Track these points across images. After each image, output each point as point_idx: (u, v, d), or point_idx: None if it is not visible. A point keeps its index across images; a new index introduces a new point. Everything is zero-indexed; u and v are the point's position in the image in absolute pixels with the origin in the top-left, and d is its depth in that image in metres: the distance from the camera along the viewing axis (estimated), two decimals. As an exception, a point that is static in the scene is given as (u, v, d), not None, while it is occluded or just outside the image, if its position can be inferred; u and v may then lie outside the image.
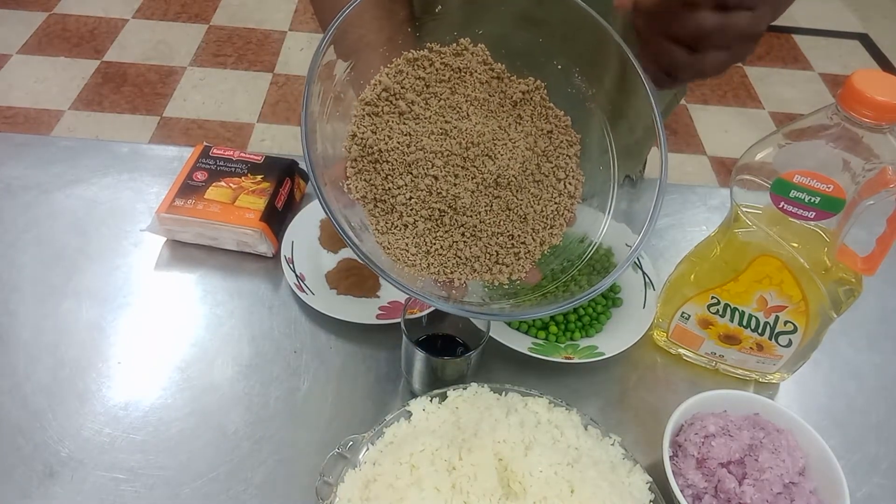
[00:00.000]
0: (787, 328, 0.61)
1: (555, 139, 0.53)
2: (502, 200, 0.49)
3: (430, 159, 0.48)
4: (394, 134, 0.49)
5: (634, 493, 0.52)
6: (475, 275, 0.48)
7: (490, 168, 0.49)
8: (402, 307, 0.62)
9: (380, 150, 0.48)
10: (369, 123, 0.49)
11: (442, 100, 0.51)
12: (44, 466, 0.58)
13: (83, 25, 2.51)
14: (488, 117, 0.51)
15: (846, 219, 0.53)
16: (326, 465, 0.53)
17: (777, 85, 2.54)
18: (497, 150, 0.50)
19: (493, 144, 0.50)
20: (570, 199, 0.51)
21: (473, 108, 0.51)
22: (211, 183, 0.76)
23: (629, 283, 0.73)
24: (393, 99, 0.50)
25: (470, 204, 0.48)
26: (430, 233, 0.48)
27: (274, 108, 2.25)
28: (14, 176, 0.82)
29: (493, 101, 0.52)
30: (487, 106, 0.51)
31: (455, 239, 0.48)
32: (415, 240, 0.48)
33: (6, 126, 2.09)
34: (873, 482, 0.62)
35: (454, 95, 0.51)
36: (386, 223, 0.48)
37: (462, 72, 0.52)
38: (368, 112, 0.50)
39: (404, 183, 0.48)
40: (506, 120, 0.52)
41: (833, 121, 0.50)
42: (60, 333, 0.67)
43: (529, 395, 0.58)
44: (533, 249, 0.50)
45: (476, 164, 0.49)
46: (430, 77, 0.51)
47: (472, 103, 0.51)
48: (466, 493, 0.49)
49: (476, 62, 0.53)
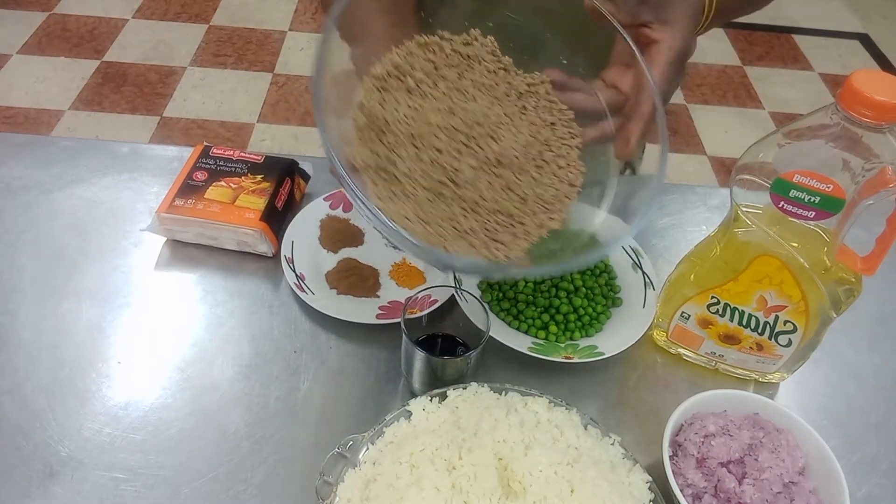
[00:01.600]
0: (787, 328, 0.61)
1: (557, 130, 0.54)
2: (503, 179, 0.50)
3: (435, 132, 0.49)
4: (401, 108, 0.50)
5: (634, 492, 0.52)
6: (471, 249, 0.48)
7: (493, 147, 0.50)
8: (402, 307, 0.62)
9: (386, 122, 0.49)
10: (378, 97, 0.50)
11: (450, 82, 0.52)
12: (44, 466, 0.58)
13: (83, 25, 2.51)
14: (494, 103, 0.52)
15: (846, 219, 0.53)
16: (326, 465, 0.53)
17: (777, 85, 2.54)
18: (500, 132, 0.51)
19: (498, 127, 0.51)
20: (571, 186, 0.52)
21: (480, 94, 0.52)
22: (211, 183, 0.76)
23: (629, 283, 0.73)
24: (402, 76, 0.51)
25: (471, 179, 0.49)
26: (430, 203, 0.48)
27: (274, 108, 2.25)
28: (14, 176, 0.82)
29: (499, 89, 0.53)
30: (494, 93, 0.52)
31: (455, 211, 0.48)
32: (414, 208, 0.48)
33: (6, 126, 2.09)
34: (873, 482, 0.62)
35: (462, 80, 0.52)
36: (387, 192, 0.48)
37: (471, 59, 0.53)
38: (377, 86, 0.51)
39: (408, 154, 0.49)
40: (511, 108, 0.53)
41: (833, 120, 0.50)
42: (60, 333, 0.67)
43: (529, 395, 0.58)
44: (531, 231, 0.50)
45: (479, 143, 0.50)
46: (439, 60, 0.52)
47: (479, 88, 0.52)
48: (466, 492, 0.49)
49: (485, 52, 0.54)
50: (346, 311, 0.68)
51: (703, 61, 2.56)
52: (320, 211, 0.78)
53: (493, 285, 0.72)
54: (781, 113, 2.40)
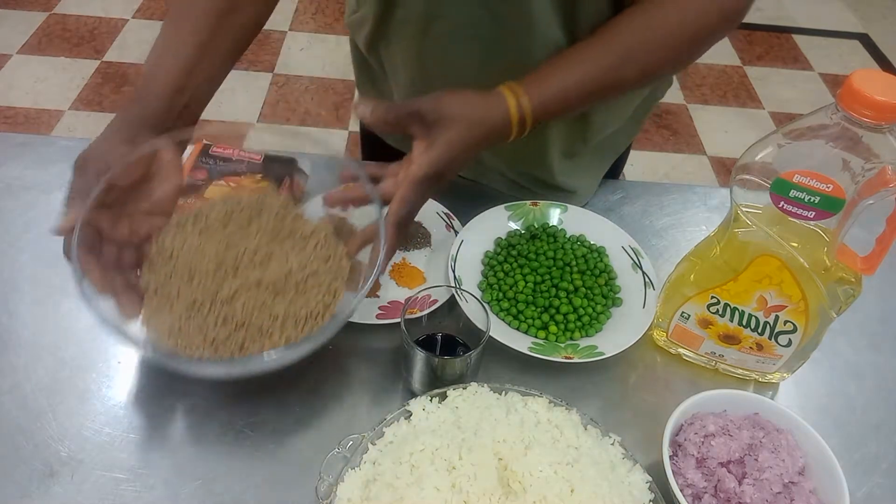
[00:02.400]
0: (787, 328, 0.61)
1: (329, 263, 0.62)
2: (258, 299, 0.58)
3: (207, 261, 0.59)
4: (187, 242, 0.61)
5: (634, 492, 0.52)
6: (216, 355, 0.56)
7: (256, 274, 0.59)
8: (402, 307, 0.62)
9: (171, 253, 0.60)
10: (172, 233, 0.61)
11: (238, 226, 0.63)
12: (44, 466, 0.58)
13: (83, 25, 2.51)
14: (272, 241, 0.62)
15: (846, 218, 0.53)
16: (326, 465, 0.53)
17: (777, 85, 2.54)
18: (270, 263, 0.61)
19: (268, 258, 0.61)
20: (325, 308, 0.60)
21: (261, 235, 0.62)
22: (210, 182, 0.76)
23: (629, 283, 0.74)
24: (199, 220, 0.63)
25: (228, 298, 0.58)
26: (188, 317, 0.57)
27: (274, 108, 2.25)
28: (14, 176, 0.82)
29: (284, 231, 0.63)
30: (278, 234, 0.63)
31: (207, 323, 0.57)
32: (172, 321, 0.57)
33: (6, 126, 2.09)
34: (873, 482, 0.62)
35: (250, 225, 0.63)
36: (155, 307, 0.58)
37: (262, 210, 0.64)
38: (175, 225, 0.62)
39: (181, 278, 0.59)
40: (289, 244, 0.63)
41: (833, 120, 0.50)
42: (60, 333, 0.67)
43: (529, 395, 0.58)
44: (276, 343, 0.57)
45: (245, 271, 0.60)
46: (232, 209, 0.64)
47: (262, 231, 0.62)
48: (466, 492, 0.49)
49: (277, 204, 0.65)
50: (345, 311, 0.69)
51: (703, 61, 2.56)
52: (320, 210, 0.78)
53: (493, 285, 0.72)
54: (781, 113, 2.40)
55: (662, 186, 0.89)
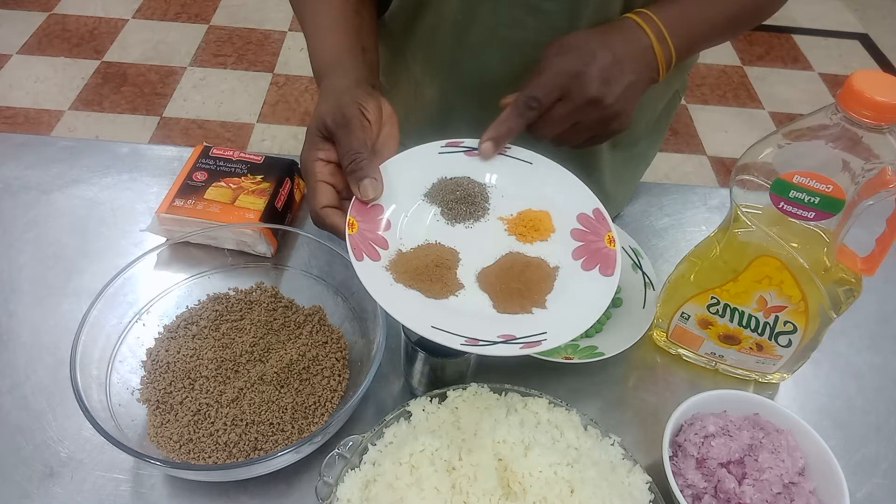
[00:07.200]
0: (787, 328, 0.61)
1: (327, 347, 0.64)
2: (265, 395, 0.59)
3: (206, 365, 0.61)
4: (181, 350, 0.62)
5: (634, 493, 0.52)
6: (231, 458, 0.57)
7: (258, 369, 0.61)
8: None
9: (167, 363, 0.62)
10: (165, 345, 0.63)
11: (230, 323, 0.65)
12: (44, 466, 0.58)
13: (83, 25, 2.51)
14: (268, 334, 0.64)
15: (846, 219, 0.53)
16: (326, 465, 0.53)
17: (777, 85, 2.54)
18: (269, 356, 0.62)
19: (266, 352, 0.63)
20: (333, 392, 0.61)
21: (255, 328, 0.64)
22: (211, 183, 0.76)
23: (629, 283, 0.73)
24: (189, 325, 0.65)
25: (234, 399, 0.59)
26: (195, 423, 0.58)
27: (274, 109, 2.25)
28: (14, 176, 0.82)
29: (277, 322, 0.65)
30: (270, 326, 0.65)
31: (216, 427, 0.58)
32: (179, 431, 0.58)
33: (6, 126, 2.09)
34: (873, 482, 0.62)
35: (242, 321, 0.65)
36: (161, 420, 0.59)
37: (252, 304, 0.67)
38: (167, 336, 0.64)
39: (183, 386, 0.60)
40: (285, 335, 0.65)
41: (833, 121, 0.50)
42: (60, 333, 0.67)
43: (529, 395, 0.58)
44: (290, 436, 0.58)
45: (247, 367, 0.61)
46: (223, 309, 0.66)
47: (255, 324, 0.64)
48: (466, 493, 0.49)
49: (266, 297, 0.67)
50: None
51: (704, 61, 2.56)
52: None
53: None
54: (781, 113, 2.40)
55: (662, 186, 0.89)
